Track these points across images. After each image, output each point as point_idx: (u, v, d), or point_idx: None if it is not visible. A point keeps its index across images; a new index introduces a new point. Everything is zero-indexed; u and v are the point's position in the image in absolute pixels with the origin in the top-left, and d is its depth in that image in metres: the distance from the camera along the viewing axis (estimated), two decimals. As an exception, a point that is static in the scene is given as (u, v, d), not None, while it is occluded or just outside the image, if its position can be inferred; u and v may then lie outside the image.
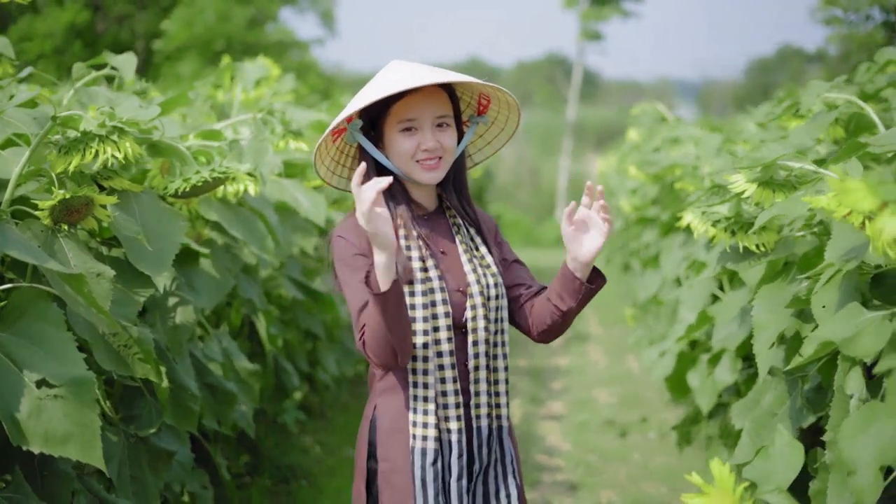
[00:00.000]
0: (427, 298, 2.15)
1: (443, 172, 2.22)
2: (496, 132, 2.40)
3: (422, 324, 2.14)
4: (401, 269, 2.09)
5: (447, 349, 2.16)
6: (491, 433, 2.22)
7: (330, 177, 2.35)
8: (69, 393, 1.92)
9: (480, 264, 2.25)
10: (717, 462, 1.67)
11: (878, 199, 1.40)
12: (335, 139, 2.26)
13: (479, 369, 2.19)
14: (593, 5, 19.86)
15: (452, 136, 2.22)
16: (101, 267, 2.26)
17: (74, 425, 1.92)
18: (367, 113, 2.21)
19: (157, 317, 2.82)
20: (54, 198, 2.20)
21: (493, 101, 2.33)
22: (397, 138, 2.18)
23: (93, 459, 1.93)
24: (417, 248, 2.19)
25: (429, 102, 2.17)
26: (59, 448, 1.91)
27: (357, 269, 2.13)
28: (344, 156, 2.33)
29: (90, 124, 2.32)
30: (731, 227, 2.60)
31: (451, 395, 2.17)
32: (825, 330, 1.93)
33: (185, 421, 2.80)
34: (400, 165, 2.21)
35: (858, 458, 1.82)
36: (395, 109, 2.17)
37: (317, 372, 5.00)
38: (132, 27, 19.89)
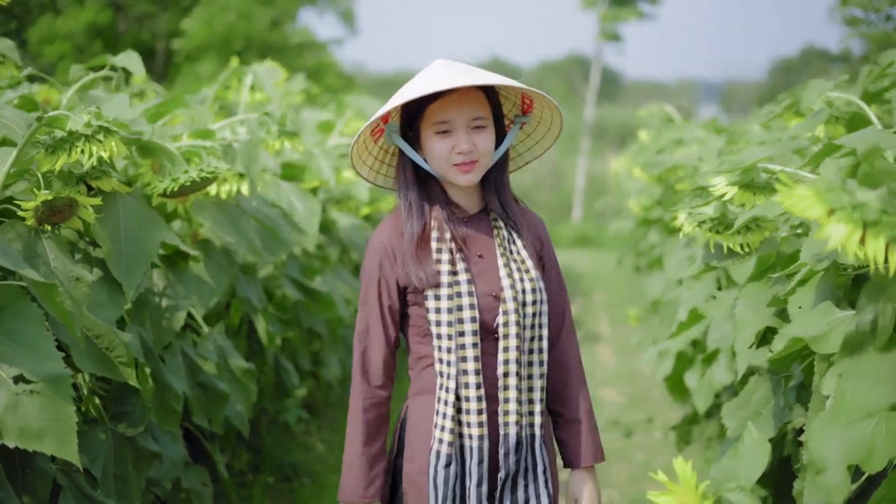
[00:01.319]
0: (453, 303, 2.14)
1: (479, 174, 2.19)
2: (543, 131, 2.37)
3: (446, 328, 2.13)
4: (425, 277, 2.13)
5: (472, 355, 2.15)
6: (520, 441, 2.19)
7: (374, 177, 2.35)
8: (45, 389, 1.95)
9: (518, 268, 2.22)
10: (680, 461, 1.68)
11: (825, 206, 1.40)
12: (376, 139, 2.26)
13: (508, 376, 2.17)
14: (612, 7, 19.81)
15: (489, 137, 2.18)
16: (80, 271, 2.29)
17: (50, 420, 1.94)
18: (405, 114, 2.21)
19: (147, 316, 2.85)
20: (37, 198, 2.24)
21: (537, 100, 2.28)
22: (432, 140, 2.16)
23: (68, 454, 1.96)
24: (448, 251, 2.17)
25: (463, 104, 2.15)
26: (35, 443, 1.93)
27: (367, 300, 2.22)
28: (390, 155, 2.33)
29: (76, 124, 2.35)
30: (716, 227, 2.60)
31: (474, 402, 2.15)
32: (796, 327, 1.93)
33: (168, 420, 2.84)
34: (436, 167, 2.19)
35: (828, 457, 1.82)
36: (430, 111, 2.15)
37: (320, 371, 5.03)
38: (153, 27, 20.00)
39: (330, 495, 4.43)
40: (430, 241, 2.18)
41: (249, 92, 4.43)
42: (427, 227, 2.19)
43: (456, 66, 2.17)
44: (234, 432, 3.99)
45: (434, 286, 2.13)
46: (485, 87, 2.19)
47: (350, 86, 19.23)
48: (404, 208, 2.21)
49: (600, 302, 10.73)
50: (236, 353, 3.48)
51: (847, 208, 1.40)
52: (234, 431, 3.94)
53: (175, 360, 3.01)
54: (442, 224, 2.19)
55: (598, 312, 10.02)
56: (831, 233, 1.39)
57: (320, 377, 5.11)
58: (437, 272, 2.14)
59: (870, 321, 1.53)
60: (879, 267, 1.37)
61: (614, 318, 9.56)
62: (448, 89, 2.09)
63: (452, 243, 2.18)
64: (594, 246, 17.05)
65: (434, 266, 2.15)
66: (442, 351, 2.15)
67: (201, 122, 3.73)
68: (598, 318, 9.67)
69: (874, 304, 1.51)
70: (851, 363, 1.38)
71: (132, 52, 3.37)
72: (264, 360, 4.08)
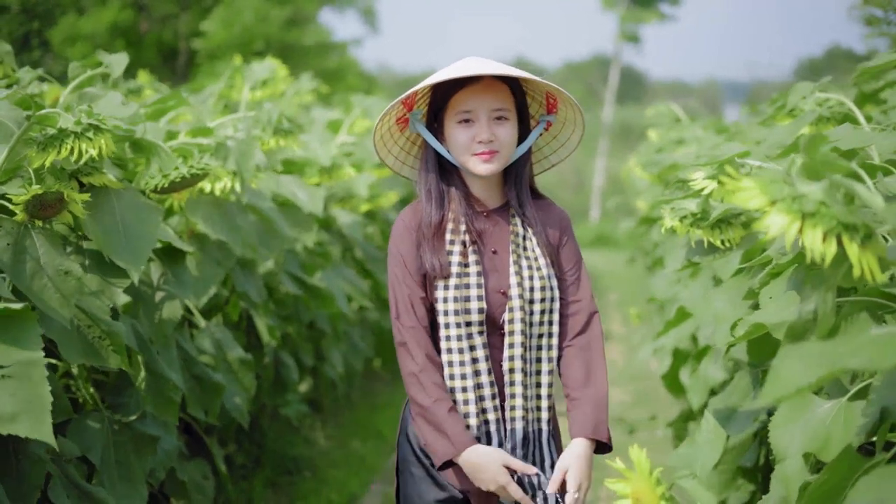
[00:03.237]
0: (460, 294, 2.19)
1: (499, 165, 2.23)
2: (568, 133, 2.39)
3: (453, 317, 2.19)
4: (438, 265, 2.19)
5: (480, 342, 2.21)
6: (526, 437, 2.24)
7: (400, 167, 2.41)
8: (18, 372, 1.99)
9: (529, 266, 2.26)
10: (636, 449, 1.72)
11: (766, 197, 1.44)
12: (402, 129, 2.32)
13: (514, 372, 2.22)
14: (632, 8, 19.78)
15: (510, 130, 2.23)
16: (69, 264, 2.34)
17: (23, 403, 1.97)
18: (431, 106, 2.27)
19: (142, 309, 2.91)
20: (27, 193, 2.30)
21: (561, 101, 2.32)
22: (455, 129, 2.21)
23: (42, 435, 1.98)
24: (461, 243, 2.23)
25: (486, 95, 2.19)
26: (9, 426, 1.96)
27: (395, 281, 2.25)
28: (415, 146, 2.38)
29: (66, 122, 2.40)
30: (697, 222, 2.63)
31: (487, 388, 2.22)
32: (759, 314, 1.97)
33: (166, 410, 2.89)
34: (457, 157, 2.24)
35: (788, 447, 1.85)
36: (454, 101, 2.20)
37: (323, 367, 5.08)
38: (175, 27, 20.14)
39: (330, 489, 4.49)
40: (445, 233, 2.23)
41: (252, 90, 4.48)
42: (445, 218, 2.24)
43: (483, 60, 2.22)
44: (235, 426, 4.04)
45: (444, 277, 2.19)
46: (510, 83, 2.24)
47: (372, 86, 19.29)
48: (424, 197, 2.27)
49: (613, 301, 10.74)
50: (235, 343, 3.54)
51: (787, 199, 1.43)
52: (235, 425, 4.00)
53: (170, 353, 3.06)
54: (458, 217, 2.24)
55: (610, 312, 10.04)
56: (771, 223, 1.42)
57: (323, 373, 5.16)
58: (448, 263, 2.20)
59: (811, 310, 1.56)
60: (816, 257, 1.40)
61: (626, 318, 9.58)
62: (474, 81, 2.16)
63: (466, 236, 2.23)
64: (611, 246, 17.05)
65: (446, 257, 2.21)
66: (451, 340, 2.20)
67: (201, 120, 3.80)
68: (610, 318, 9.69)
69: (816, 293, 1.54)
70: (794, 347, 1.42)
71: (122, 54, 3.44)
72: (264, 355, 4.14)
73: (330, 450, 5.03)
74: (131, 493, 2.72)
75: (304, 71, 6.09)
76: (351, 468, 4.80)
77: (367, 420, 5.63)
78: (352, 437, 5.29)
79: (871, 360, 1.33)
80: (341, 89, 15.94)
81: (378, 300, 6.14)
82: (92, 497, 2.49)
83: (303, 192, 3.89)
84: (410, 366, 2.21)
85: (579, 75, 32.50)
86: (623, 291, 11.23)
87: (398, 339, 2.24)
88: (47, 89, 4.19)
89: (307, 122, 5.81)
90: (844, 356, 1.35)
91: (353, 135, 5.61)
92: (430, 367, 2.20)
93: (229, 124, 3.52)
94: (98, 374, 2.90)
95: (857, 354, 1.35)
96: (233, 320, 3.86)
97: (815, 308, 1.53)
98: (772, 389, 1.37)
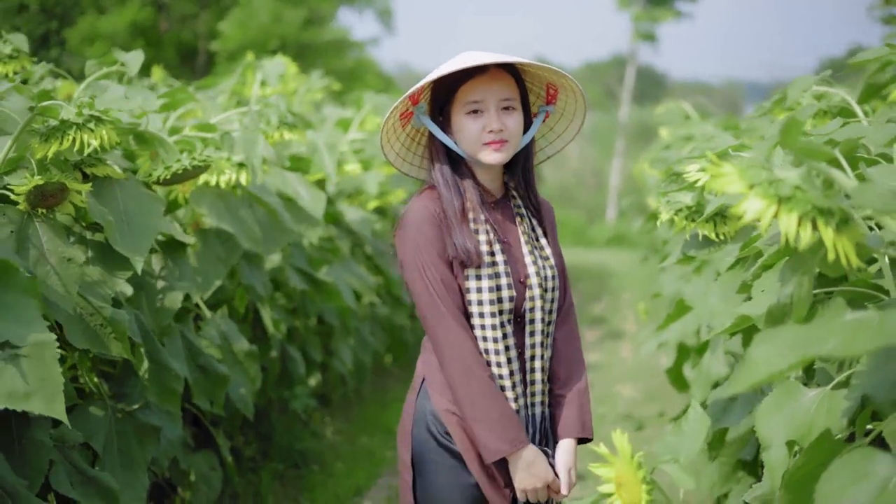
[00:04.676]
0: (493, 282, 2.19)
1: (508, 155, 2.24)
2: (565, 124, 2.42)
3: (488, 306, 2.19)
4: (473, 250, 2.18)
5: (510, 330, 2.22)
6: (544, 420, 2.29)
7: (401, 163, 2.41)
8: (32, 352, 2.03)
9: (540, 255, 2.30)
10: (618, 434, 1.74)
11: (745, 182, 1.46)
12: (404, 125, 2.32)
13: (534, 359, 2.25)
14: (646, 7, 19.74)
15: (518, 119, 2.25)
16: (72, 252, 2.39)
17: (37, 381, 2.02)
18: (435, 99, 2.28)
19: (144, 300, 2.95)
20: (29, 183, 2.34)
21: (561, 91, 2.34)
22: (464, 121, 2.22)
23: (55, 412, 2.03)
24: (485, 232, 2.23)
25: (493, 85, 2.21)
26: (23, 403, 2.00)
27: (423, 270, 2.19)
28: (415, 143, 2.39)
29: (68, 113, 2.45)
30: (692, 215, 2.65)
31: (518, 374, 2.23)
32: (745, 306, 1.98)
33: (168, 399, 2.92)
34: (466, 148, 2.25)
35: (773, 436, 1.87)
36: (461, 93, 2.22)
37: (332, 362, 5.12)
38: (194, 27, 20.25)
39: (337, 482, 4.53)
40: (467, 220, 2.23)
41: (263, 86, 4.52)
42: (465, 206, 2.25)
43: (486, 52, 2.23)
44: (242, 418, 4.08)
45: (476, 266, 2.19)
46: (513, 73, 2.25)
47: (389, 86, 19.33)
48: (442, 185, 2.26)
49: (627, 300, 10.74)
50: (240, 335, 3.57)
51: (764, 184, 1.45)
52: (242, 418, 4.04)
53: (174, 343, 3.11)
54: (476, 206, 2.25)
55: (623, 310, 10.04)
56: (748, 207, 1.44)
57: (332, 368, 5.20)
58: (480, 251, 2.20)
59: (789, 294, 1.58)
60: (791, 240, 1.42)
61: (637, 316, 9.58)
62: (480, 71, 2.17)
63: (487, 225, 2.24)
64: (627, 245, 17.03)
65: (476, 243, 2.21)
66: (486, 329, 2.19)
67: (209, 115, 3.84)
68: (623, 317, 9.70)
69: (794, 277, 1.56)
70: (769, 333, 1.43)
71: (138, 52, 3.48)
72: (270, 348, 4.17)
73: (338, 444, 5.07)
74: (132, 480, 2.76)
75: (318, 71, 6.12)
76: (358, 462, 4.83)
77: (376, 415, 5.66)
78: (360, 431, 5.32)
79: (843, 345, 1.35)
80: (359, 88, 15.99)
81: (388, 296, 6.18)
82: (96, 482, 2.53)
83: (306, 192, 3.92)
84: (460, 355, 2.17)
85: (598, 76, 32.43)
86: (636, 290, 11.23)
87: (436, 328, 2.19)
88: (60, 85, 4.26)
89: (318, 119, 5.85)
90: (817, 341, 1.37)
91: (364, 132, 5.65)
92: (481, 358, 2.19)
93: (235, 118, 3.57)
94: (103, 364, 2.94)
95: (829, 339, 1.37)
96: (239, 313, 3.90)
97: (793, 292, 1.55)
98: (745, 375, 1.39)
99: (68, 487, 2.47)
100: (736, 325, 2.00)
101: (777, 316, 1.61)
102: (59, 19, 13.89)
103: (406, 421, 2.34)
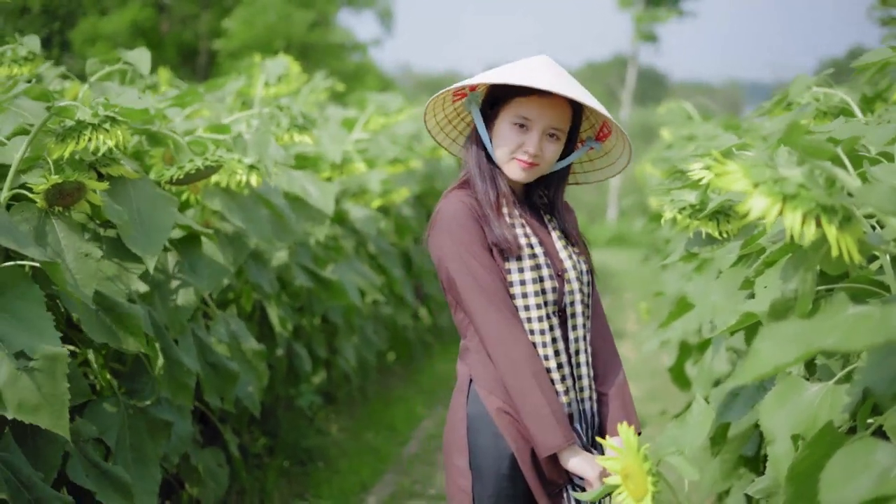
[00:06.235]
0: (535, 273, 2.19)
1: (532, 176, 2.25)
2: (605, 164, 2.43)
3: (533, 298, 2.18)
4: (510, 238, 2.17)
5: (556, 322, 2.21)
6: (594, 415, 2.28)
7: (437, 132, 2.40)
8: (43, 366, 2.09)
9: (574, 251, 2.31)
10: (624, 426, 1.79)
11: (750, 180, 1.50)
12: (455, 100, 2.33)
13: (579, 353, 2.24)
14: (648, 7, 19.78)
15: (557, 149, 2.24)
16: (89, 248, 2.43)
17: (45, 397, 2.09)
18: (490, 93, 2.26)
19: (157, 297, 3.00)
20: (48, 182, 2.39)
21: (613, 134, 2.34)
22: (507, 128, 2.22)
23: (59, 429, 2.11)
24: (520, 226, 2.24)
25: (548, 111, 2.20)
26: (31, 416, 2.08)
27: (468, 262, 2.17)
28: (459, 120, 2.40)
29: (84, 114, 2.50)
30: (695, 213, 2.68)
31: (566, 368, 2.20)
32: (750, 303, 2.02)
33: (181, 395, 2.97)
34: (498, 152, 2.24)
35: (777, 430, 1.91)
36: (516, 103, 2.20)
37: (336, 360, 5.17)
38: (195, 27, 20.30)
39: (343, 478, 4.57)
40: (502, 213, 2.23)
41: (267, 87, 4.56)
42: (499, 198, 2.25)
43: (558, 69, 2.22)
44: (249, 416, 4.12)
45: (517, 258, 2.18)
46: (573, 102, 2.23)
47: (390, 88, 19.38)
48: (477, 176, 2.27)
49: (629, 300, 10.78)
50: (248, 334, 3.62)
51: (769, 182, 1.49)
52: (249, 415, 4.08)
53: (186, 340, 3.15)
54: (509, 199, 2.26)
55: (625, 310, 10.09)
56: (753, 205, 1.48)
57: (337, 366, 5.25)
58: (519, 241, 2.20)
59: (793, 289, 1.62)
60: (796, 238, 1.46)
61: (639, 316, 9.63)
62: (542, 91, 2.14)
63: (521, 220, 2.25)
64: (628, 245, 17.08)
65: (514, 232, 2.21)
66: (532, 322, 2.18)
67: (218, 117, 3.89)
68: (625, 316, 9.74)
69: (797, 273, 1.61)
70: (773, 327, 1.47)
71: (144, 50, 3.52)
72: (277, 346, 4.22)
73: (343, 441, 5.11)
74: (145, 475, 2.80)
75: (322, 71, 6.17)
76: (363, 459, 4.88)
77: (380, 413, 5.71)
78: (364, 429, 5.37)
79: (845, 339, 1.39)
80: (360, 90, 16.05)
81: (392, 295, 6.22)
82: (110, 475, 2.58)
83: (314, 189, 3.96)
84: (513, 346, 2.14)
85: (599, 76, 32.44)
86: (637, 290, 11.28)
87: (486, 320, 2.15)
88: (68, 86, 4.30)
89: (322, 120, 5.89)
90: (821, 335, 1.42)
91: (368, 132, 5.69)
92: (533, 350, 2.16)
93: (244, 120, 3.61)
94: (114, 361, 2.99)
95: (831, 333, 1.41)
96: (246, 311, 3.94)
97: (796, 288, 1.59)
98: (751, 368, 1.44)
99: (84, 479, 2.52)
100: (740, 323, 2.05)
101: (780, 311, 1.65)
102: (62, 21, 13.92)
103: (458, 425, 2.26)
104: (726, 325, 2.57)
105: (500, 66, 2.24)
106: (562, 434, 2.10)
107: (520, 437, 2.18)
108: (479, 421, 2.22)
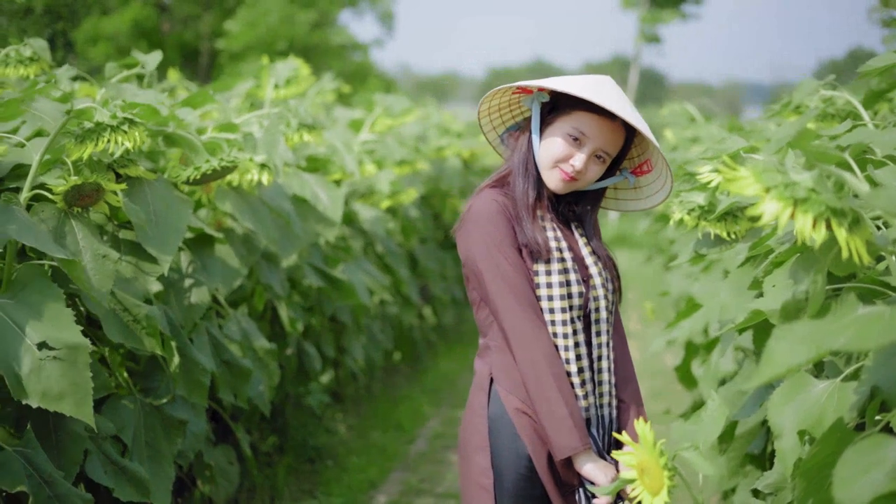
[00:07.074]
0: (563, 277, 2.21)
1: (567, 189, 2.26)
2: (635, 197, 2.46)
3: (559, 301, 2.20)
4: (541, 241, 2.19)
5: (580, 327, 2.23)
6: (612, 422, 2.29)
7: (485, 115, 2.39)
8: (66, 355, 2.14)
9: (599, 258, 2.33)
10: (641, 422, 1.83)
11: (761, 184, 1.54)
12: (516, 92, 2.32)
13: (602, 359, 2.26)
14: (652, 8, 19.82)
15: (599, 171, 2.26)
16: (106, 249, 2.48)
17: (69, 385, 2.13)
18: (556, 98, 2.26)
19: (173, 296, 3.04)
20: (67, 183, 2.43)
21: (653, 173, 2.37)
22: (560, 137, 2.23)
23: (83, 415, 2.15)
24: (552, 229, 2.26)
25: (606, 133, 2.22)
26: (55, 404, 2.12)
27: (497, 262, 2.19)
28: (507, 111, 2.39)
29: (103, 116, 2.54)
30: (704, 215, 2.73)
31: (587, 372, 2.22)
32: (758, 302, 2.06)
33: (196, 393, 3.01)
34: (542, 159, 2.26)
35: (783, 425, 1.95)
36: (576, 116, 2.22)
37: (344, 359, 5.21)
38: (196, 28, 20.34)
39: (351, 476, 4.62)
40: (536, 215, 2.26)
41: (276, 88, 4.60)
42: (538, 199, 2.27)
43: (623, 94, 2.25)
44: (259, 414, 4.17)
45: (546, 261, 2.20)
46: (628, 130, 2.26)
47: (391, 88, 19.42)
48: (521, 173, 2.28)
49: (632, 300, 10.81)
50: (259, 334, 3.66)
51: (780, 186, 1.53)
52: (259, 413, 4.12)
53: (201, 339, 3.20)
54: (544, 204, 2.29)
55: (627, 310, 10.12)
56: (765, 209, 1.53)
57: (345, 365, 5.29)
58: (549, 245, 2.22)
59: (804, 291, 1.66)
60: (807, 240, 1.50)
61: (642, 316, 9.67)
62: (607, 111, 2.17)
63: (554, 223, 2.28)
64: (629, 245, 17.09)
65: (545, 236, 2.23)
66: (556, 325, 2.20)
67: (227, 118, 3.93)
68: (627, 316, 9.78)
69: (808, 275, 1.65)
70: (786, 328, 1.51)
71: (157, 52, 3.57)
72: (287, 345, 4.26)
73: (350, 439, 5.16)
74: (159, 473, 2.84)
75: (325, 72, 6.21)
76: (371, 457, 4.92)
77: (387, 412, 5.75)
78: (372, 427, 5.41)
79: (856, 339, 1.43)
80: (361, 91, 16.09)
81: (398, 294, 6.26)
82: (128, 471, 2.62)
83: (325, 195, 4.00)
84: (536, 346, 2.16)
85: (599, 75, 32.37)
86: (640, 290, 11.31)
87: (510, 318, 2.17)
88: (78, 87, 4.34)
89: (329, 121, 5.94)
90: (831, 336, 1.46)
91: (375, 133, 5.73)
92: (555, 351, 2.18)
93: (254, 121, 3.65)
94: (130, 361, 3.03)
95: (842, 333, 1.45)
96: (257, 311, 3.98)
97: (807, 289, 1.64)
98: (766, 369, 1.48)
99: (102, 476, 2.57)
100: (749, 320, 2.09)
101: (791, 312, 1.69)
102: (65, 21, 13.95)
103: (478, 424, 2.27)
104: (731, 322, 2.63)
105: (564, 77, 2.25)
106: (578, 437, 2.12)
107: (537, 438, 2.20)
108: (500, 421, 2.24)
